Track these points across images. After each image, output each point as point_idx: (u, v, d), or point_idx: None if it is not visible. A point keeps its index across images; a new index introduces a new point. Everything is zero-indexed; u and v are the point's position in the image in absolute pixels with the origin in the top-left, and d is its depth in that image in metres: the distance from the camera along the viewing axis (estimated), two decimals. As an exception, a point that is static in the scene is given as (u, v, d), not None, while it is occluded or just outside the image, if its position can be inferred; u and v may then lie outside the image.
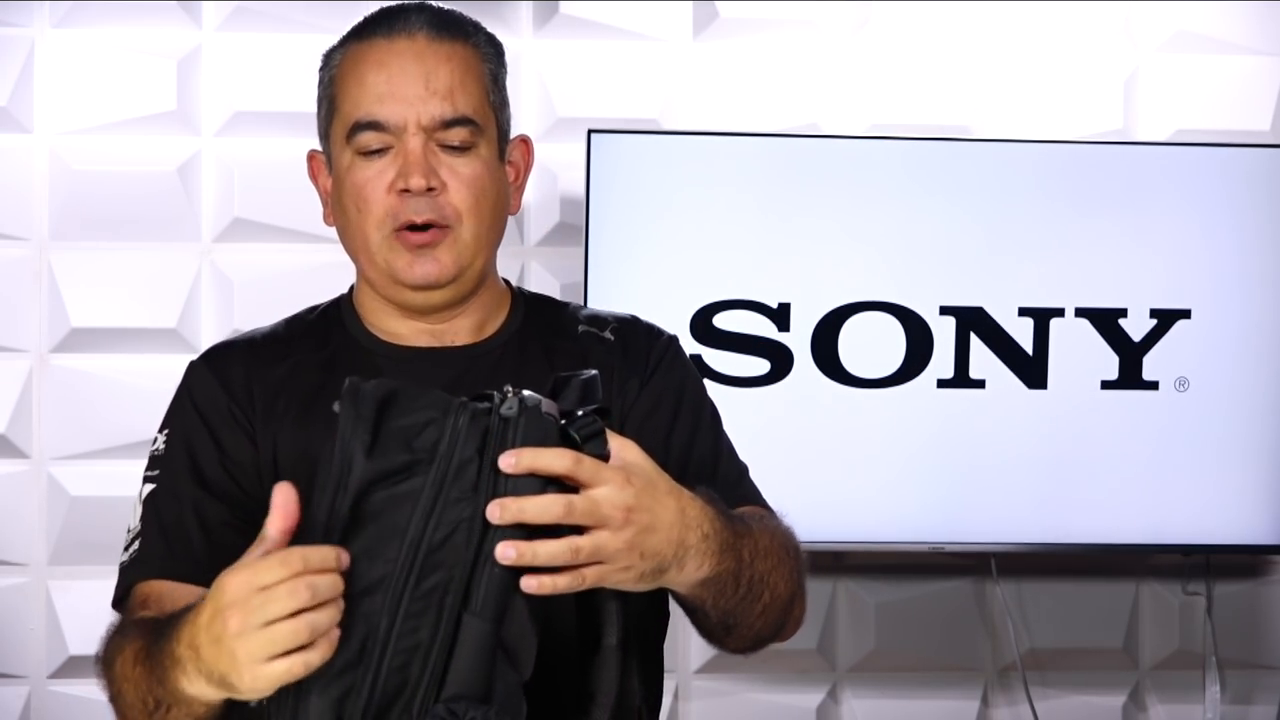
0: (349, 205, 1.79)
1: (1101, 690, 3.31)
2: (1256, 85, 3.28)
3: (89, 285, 3.09)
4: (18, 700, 3.09)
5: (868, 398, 3.04)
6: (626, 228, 2.98)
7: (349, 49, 1.81)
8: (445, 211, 1.76)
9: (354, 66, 1.79)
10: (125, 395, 3.07)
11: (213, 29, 3.11)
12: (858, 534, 3.07)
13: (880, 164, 3.03)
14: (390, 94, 1.75)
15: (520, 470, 1.36)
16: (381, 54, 1.77)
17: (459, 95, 1.77)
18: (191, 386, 1.83)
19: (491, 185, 1.80)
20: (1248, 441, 3.09)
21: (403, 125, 1.75)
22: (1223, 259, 3.07)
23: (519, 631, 1.37)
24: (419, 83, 1.75)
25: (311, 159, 1.87)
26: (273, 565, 1.32)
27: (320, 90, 1.84)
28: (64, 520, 3.07)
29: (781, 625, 1.73)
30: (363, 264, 1.82)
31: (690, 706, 3.23)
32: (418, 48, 1.77)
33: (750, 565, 1.59)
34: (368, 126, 1.76)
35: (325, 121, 1.83)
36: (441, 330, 1.84)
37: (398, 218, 1.76)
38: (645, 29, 3.18)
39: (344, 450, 1.37)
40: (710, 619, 1.62)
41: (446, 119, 1.76)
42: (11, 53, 3.07)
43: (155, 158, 3.09)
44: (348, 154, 1.78)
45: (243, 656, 1.32)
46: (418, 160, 1.75)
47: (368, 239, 1.78)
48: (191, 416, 1.80)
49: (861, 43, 3.22)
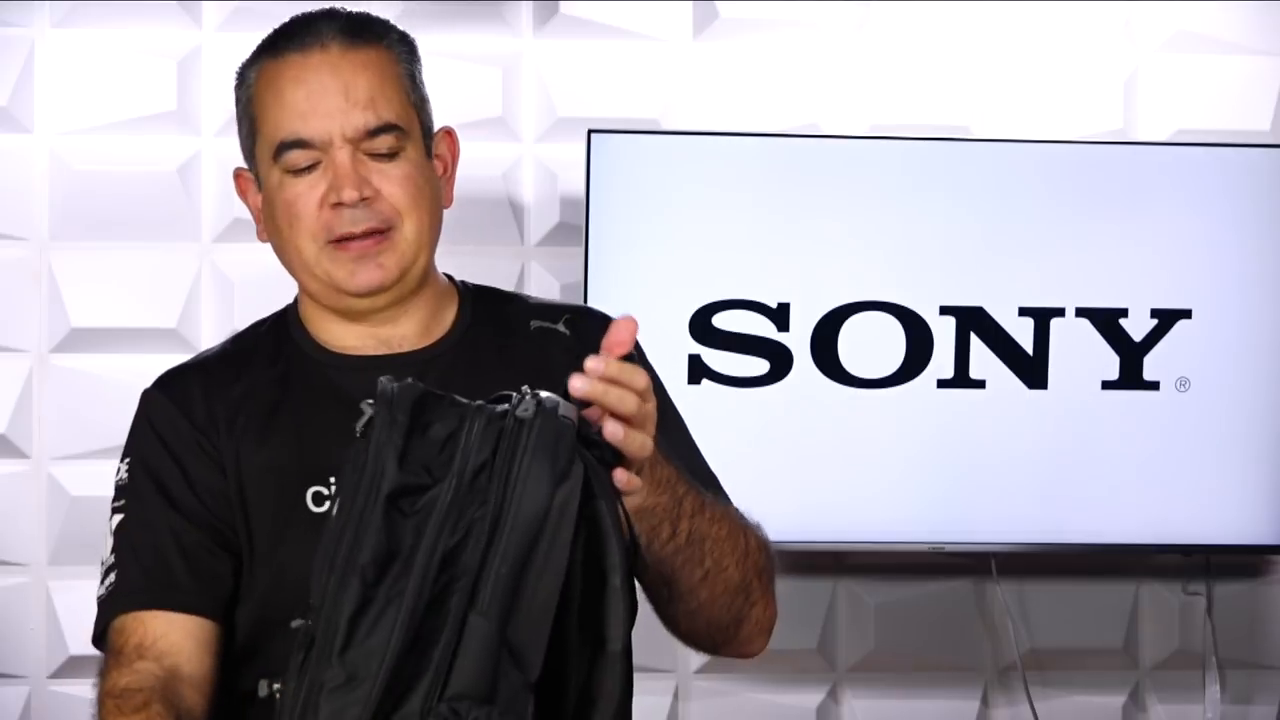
0: (281, 223, 1.78)
1: (1101, 690, 3.31)
2: (1256, 85, 3.27)
3: (89, 285, 3.09)
4: (18, 700, 3.08)
5: (868, 398, 3.03)
6: (626, 228, 2.98)
7: (263, 66, 1.79)
8: (385, 214, 1.75)
9: (270, 84, 1.77)
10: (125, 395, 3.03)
11: (213, 29, 3.11)
12: (858, 534, 3.07)
13: (880, 164, 3.03)
14: (311, 110, 1.74)
15: (607, 375, 1.44)
16: (297, 70, 1.75)
17: (380, 103, 1.75)
18: (151, 416, 1.81)
19: (425, 183, 1.79)
20: (1248, 441, 3.09)
21: (328, 140, 1.74)
22: (1223, 259, 3.07)
23: (526, 632, 1.37)
24: (338, 95, 1.74)
25: (238, 177, 1.87)
26: None
27: (239, 109, 1.83)
28: (64, 520, 3.07)
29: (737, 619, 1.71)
30: (302, 279, 1.81)
31: (690, 706, 3.23)
32: (332, 60, 1.75)
33: (691, 519, 1.61)
34: (293, 145, 1.75)
35: (249, 140, 1.82)
36: (388, 335, 1.82)
37: (332, 231, 1.75)
38: (645, 29, 3.18)
39: (378, 456, 1.37)
40: (648, 569, 1.62)
41: (371, 128, 1.75)
42: (11, 53, 3.07)
43: (155, 158, 3.09)
44: (275, 172, 1.77)
45: None
46: (347, 173, 1.74)
47: (303, 253, 1.77)
48: (154, 445, 1.79)
49: (861, 43, 3.22)
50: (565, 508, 1.38)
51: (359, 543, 1.36)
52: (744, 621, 1.73)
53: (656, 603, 1.70)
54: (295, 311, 1.88)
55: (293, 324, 1.87)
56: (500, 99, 3.13)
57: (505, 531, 1.36)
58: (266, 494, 1.74)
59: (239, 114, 1.83)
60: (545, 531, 1.37)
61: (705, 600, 1.67)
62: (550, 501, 1.37)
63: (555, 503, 1.37)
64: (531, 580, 1.37)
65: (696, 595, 1.66)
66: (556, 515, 1.37)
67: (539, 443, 1.37)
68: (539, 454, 1.38)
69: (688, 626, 1.72)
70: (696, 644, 1.78)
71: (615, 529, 1.44)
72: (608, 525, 1.43)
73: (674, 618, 1.71)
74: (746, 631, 1.74)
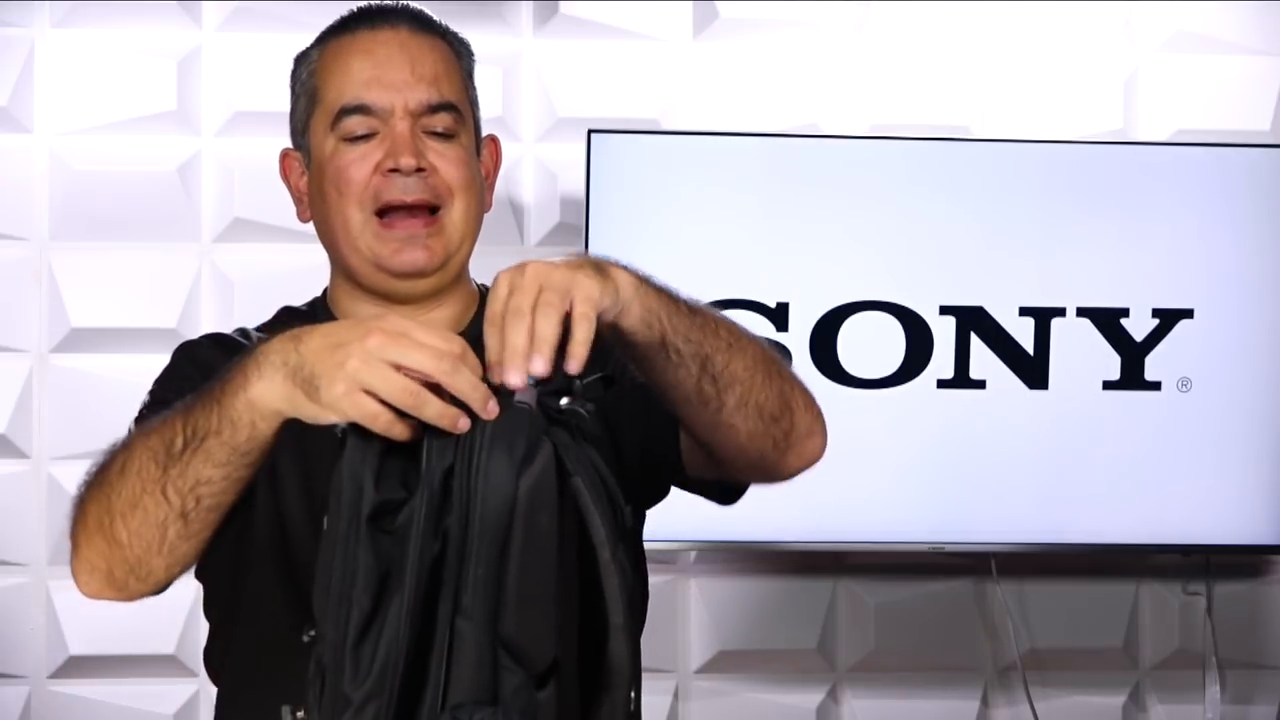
0: (329, 190, 1.78)
1: (1101, 690, 3.31)
2: (1256, 85, 3.28)
3: (89, 285, 3.09)
4: (18, 700, 3.09)
5: (867, 398, 3.03)
6: (626, 228, 2.98)
7: (329, 43, 1.83)
8: (439, 190, 1.77)
9: (337, 56, 1.80)
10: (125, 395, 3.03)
11: (213, 29, 3.11)
12: (858, 534, 3.07)
13: (880, 164, 3.03)
14: (377, 79, 1.77)
15: None
16: (367, 43, 1.79)
17: (444, 82, 1.79)
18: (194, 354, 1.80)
19: (477, 173, 1.83)
20: (1248, 441, 3.09)
21: (390, 109, 1.77)
22: (1223, 259, 3.07)
23: (520, 625, 1.36)
24: (405, 69, 1.77)
25: (285, 157, 1.87)
26: (442, 333, 1.35)
27: (298, 87, 1.84)
28: (64, 520, 3.03)
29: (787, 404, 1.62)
30: (343, 251, 1.80)
31: (690, 706, 3.23)
32: (402, 38, 1.79)
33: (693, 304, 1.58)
34: (355, 110, 1.77)
35: (304, 114, 1.83)
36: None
37: (380, 198, 1.76)
38: (645, 29, 3.18)
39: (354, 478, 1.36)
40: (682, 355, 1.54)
41: (433, 103, 1.78)
42: (11, 53, 3.07)
43: (155, 158, 3.09)
44: (331, 140, 1.78)
45: (351, 370, 1.33)
46: (406, 141, 1.76)
47: (349, 221, 1.78)
48: (190, 373, 1.74)
49: (861, 43, 3.22)
50: (535, 494, 1.35)
51: (350, 571, 1.34)
52: (793, 408, 1.64)
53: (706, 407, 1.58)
54: (325, 303, 1.88)
55: (323, 312, 1.86)
56: (500, 99, 3.13)
57: (474, 533, 1.34)
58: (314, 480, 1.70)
59: (297, 92, 1.85)
60: (516, 523, 1.34)
61: (745, 378, 1.58)
62: (515, 490, 1.34)
63: (521, 491, 1.34)
64: (514, 573, 1.35)
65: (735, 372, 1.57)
66: (526, 503, 1.35)
67: (494, 434, 1.35)
68: (495, 446, 1.35)
69: (746, 429, 1.60)
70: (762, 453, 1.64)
71: (599, 502, 1.42)
72: (587, 501, 1.41)
73: (730, 418, 1.59)
74: (801, 420, 1.65)
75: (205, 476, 1.45)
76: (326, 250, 1.84)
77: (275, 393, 1.38)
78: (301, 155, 1.85)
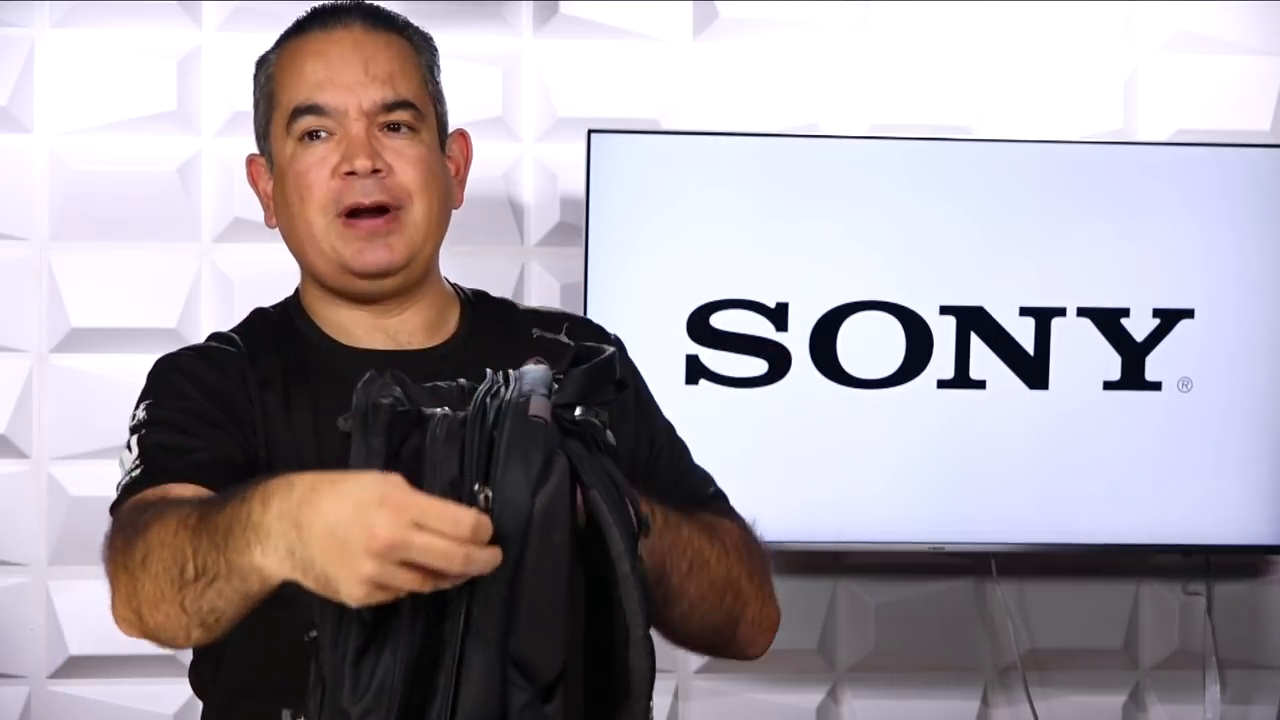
0: (291, 195, 1.78)
1: (1101, 690, 3.31)
2: (1256, 85, 3.27)
3: (89, 285, 3.09)
4: (18, 700, 3.08)
5: (867, 398, 3.03)
6: (626, 228, 2.98)
7: (286, 46, 1.83)
8: (395, 192, 1.76)
9: (293, 59, 1.80)
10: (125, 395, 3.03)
11: (213, 29, 3.11)
12: (858, 534, 3.06)
13: (880, 164, 3.03)
14: (330, 80, 1.77)
15: None
16: (319, 44, 1.79)
17: (399, 80, 1.78)
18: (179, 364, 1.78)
19: (438, 171, 1.81)
20: (1248, 441, 3.09)
21: (344, 110, 1.76)
22: (1224, 259, 3.07)
23: (531, 642, 1.35)
24: (358, 69, 1.77)
25: (251, 163, 1.87)
26: (454, 516, 1.26)
27: (257, 91, 1.85)
28: (64, 520, 3.07)
29: (731, 618, 1.71)
30: (309, 255, 1.80)
31: (690, 706, 3.23)
32: (355, 37, 1.79)
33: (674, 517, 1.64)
34: (307, 111, 1.77)
35: (264, 118, 1.83)
36: (395, 329, 1.82)
37: (341, 201, 1.76)
38: (645, 29, 3.18)
39: None
40: None
41: (388, 102, 1.77)
42: (11, 53, 3.07)
43: (155, 158, 3.09)
44: (289, 144, 1.78)
45: (367, 575, 1.26)
46: (362, 143, 1.75)
47: (311, 226, 1.77)
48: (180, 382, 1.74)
49: (861, 43, 3.22)
50: (550, 510, 1.34)
51: None
52: (739, 622, 1.73)
53: (662, 613, 1.69)
54: (298, 304, 1.87)
55: (297, 315, 1.86)
56: (500, 99, 3.13)
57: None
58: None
59: (257, 97, 1.85)
60: (531, 539, 1.33)
61: (695, 598, 1.67)
62: (531, 508, 1.33)
63: (536, 509, 1.33)
64: (526, 590, 1.34)
65: (686, 593, 1.66)
66: (541, 519, 1.33)
67: (509, 450, 1.34)
68: (510, 462, 1.33)
69: (684, 630, 1.72)
70: (697, 647, 1.79)
71: (616, 513, 1.42)
72: (604, 513, 1.41)
73: (672, 622, 1.70)
74: (744, 633, 1.74)
75: (219, 606, 1.44)
76: (293, 254, 1.84)
77: (283, 571, 1.34)
78: (265, 160, 1.85)
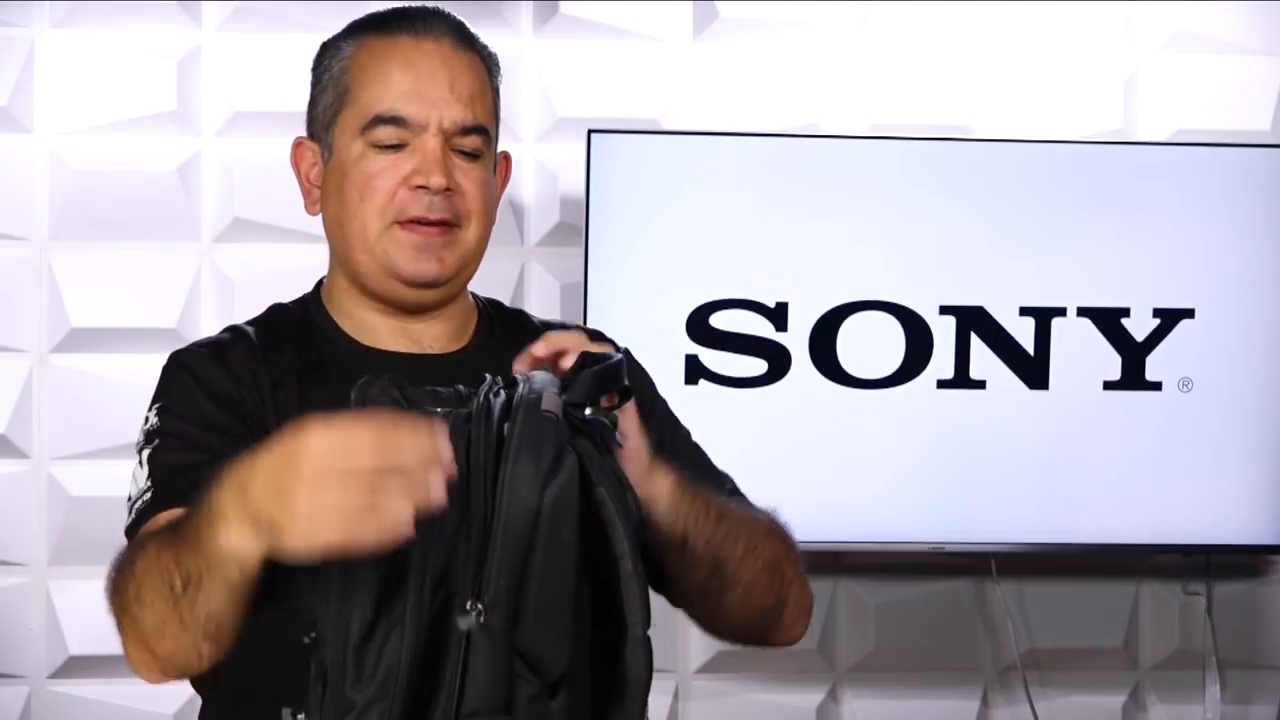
0: (351, 192, 1.77)
1: (1101, 690, 3.31)
2: (1256, 85, 3.28)
3: (89, 285, 3.09)
4: (18, 700, 3.09)
5: (867, 398, 3.03)
6: (626, 228, 2.98)
7: (366, 40, 1.80)
8: (458, 211, 1.77)
9: (375, 60, 1.78)
10: (125, 395, 3.07)
11: (213, 29, 3.11)
12: (857, 534, 3.07)
13: (880, 164, 3.03)
14: (416, 93, 1.76)
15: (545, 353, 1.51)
16: (408, 51, 1.78)
17: (478, 104, 1.79)
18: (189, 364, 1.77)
19: (493, 194, 1.83)
20: (1248, 441, 3.09)
21: (424, 124, 1.76)
22: (1223, 259, 3.07)
23: (537, 635, 1.35)
24: (445, 86, 1.77)
25: (298, 146, 1.85)
26: (367, 426, 1.29)
27: (324, 78, 1.82)
28: (64, 520, 3.07)
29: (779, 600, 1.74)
30: (355, 253, 1.79)
31: (690, 706, 3.23)
32: (444, 52, 1.79)
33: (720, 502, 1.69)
34: (389, 121, 1.76)
35: (331, 110, 1.80)
36: (420, 334, 1.82)
37: (406, 212, 1.76)
38: (645, 29, 3.18)
39: None
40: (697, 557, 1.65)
41: (466, 125, 1.78)
42: (11, 53, 3.07)
43: (155, 158, 3.09)
44: (359, 144, 1.77)
45: (300, 502, 1.28)
46: (438, 160, 1.76)
47: (366, 227, 1.77)
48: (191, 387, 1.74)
49: (861, 43, 3.22)
50: (559, 505, 1.35)
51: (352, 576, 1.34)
52: (785, 604, 1.75)
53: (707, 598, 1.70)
54: (318, 300, 1.86)
55: (317, 313, 1.85)
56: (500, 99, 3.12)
57: (497, 543, 1.33)
58: None
59: (323, 82, 1.82)
60: (540, 533, 1.34)
61: (749, 582, 1.69)
62: (540, 502, 1.34)
63: (546, 502, 1.34)
64: (534, 584, 1.34)
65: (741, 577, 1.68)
66: (550, 514, 1.35)
67: (521, 443, 1.35)
68: (521, 457, 1.35)
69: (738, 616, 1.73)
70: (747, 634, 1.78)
71: (620, 513, 1.43)
72: (610, 511, 1.43)
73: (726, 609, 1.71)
74: (790, 614, 1.76)
75: (213, 609, 1.45)
76: (333, 247, 1.83)
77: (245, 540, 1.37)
78: (319, 148, 1.83)
